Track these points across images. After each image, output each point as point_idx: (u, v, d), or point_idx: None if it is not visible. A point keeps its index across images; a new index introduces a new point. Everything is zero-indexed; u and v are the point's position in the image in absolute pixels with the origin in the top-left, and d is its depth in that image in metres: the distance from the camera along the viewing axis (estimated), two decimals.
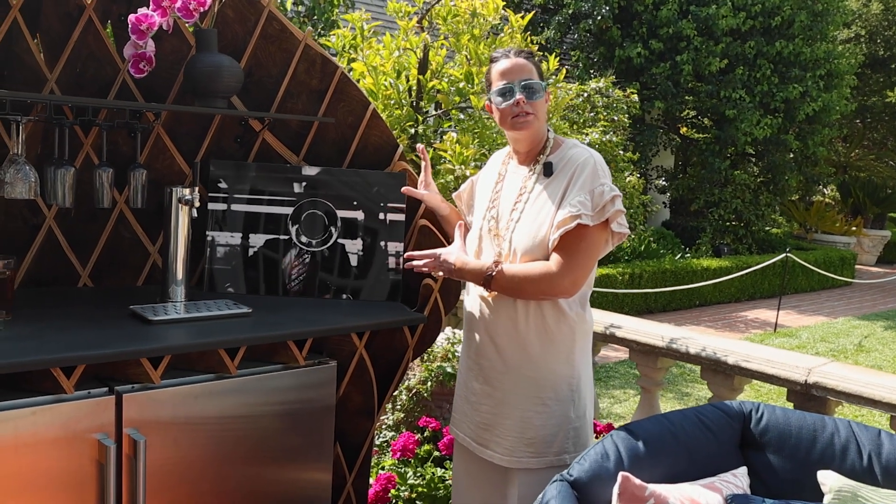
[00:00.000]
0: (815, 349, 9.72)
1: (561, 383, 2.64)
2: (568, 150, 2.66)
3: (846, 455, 2.68)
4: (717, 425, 2.76)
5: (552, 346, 2.61)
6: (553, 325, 2.60)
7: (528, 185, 2.65)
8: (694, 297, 12.42)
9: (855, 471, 2.65)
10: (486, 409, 2.71)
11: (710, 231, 14.70)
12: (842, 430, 2.74)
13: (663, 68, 13.59)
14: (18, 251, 2.85)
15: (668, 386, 7.77)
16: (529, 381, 2.63)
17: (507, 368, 2.66)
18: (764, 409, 2.84)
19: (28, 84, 2.83)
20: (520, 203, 2.64)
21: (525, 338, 2.61)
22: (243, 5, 3.03)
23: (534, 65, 2.65)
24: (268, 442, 2.69)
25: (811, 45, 14.53)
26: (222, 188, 3.07)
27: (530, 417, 2.63)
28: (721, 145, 14.53)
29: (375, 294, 3.09)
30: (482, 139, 3.90)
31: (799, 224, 19.54)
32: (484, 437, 2.73)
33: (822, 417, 2.80)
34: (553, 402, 2.64)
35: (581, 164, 2.56)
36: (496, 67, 2.66)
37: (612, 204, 2.50)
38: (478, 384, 2.74)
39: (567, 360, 2.64)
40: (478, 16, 3.98)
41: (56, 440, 2.25)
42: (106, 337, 2.37)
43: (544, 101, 2.65)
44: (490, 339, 2.69)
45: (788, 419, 2.80)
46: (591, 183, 2.52)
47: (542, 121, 2.66)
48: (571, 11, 13.70)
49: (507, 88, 2.61)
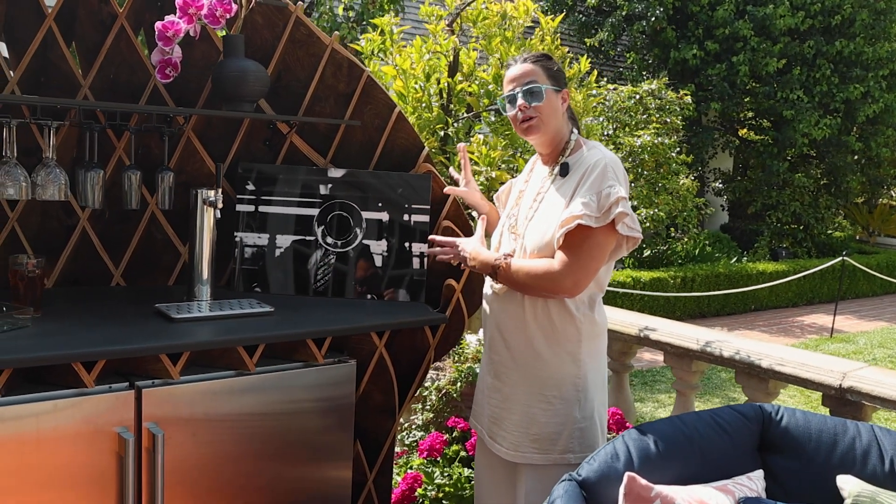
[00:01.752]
0: (872, 355, 9.53)
1: (566, 383, 2.65)
2: (586, 151, 2.67)
3: (867, 460, 2.65)
4: (733, 427, 2.73)
5: (558, 345, 2.63)
6: (559, 325, 2.61)
7: (545, 185, 2.69)
8: (749, 302, 12.26)
9: (876, 476, 2.61)
10: (495, 403, 2.75)
11: (768, 234, 14.49)
12: (864, 435, 2.70)
13: (719, 69, 13.44)
14: (54, 251, 2.95)
15: (716, 391, 7.70)
16: (535, 378, 2.65)
17: (514, 364, 2.69)
18: (784, 412, 2.80)
19: (63, 90, 2.93)
20: (536, 202, 2.68)
21: (531, 335, 2.64)
22: (271, 11, 3.09)
23: (542, 67, 2.65)
24: (286, 438, 2.74)
25: (873, 45, 14.25)
26: (250, 190, 3.14)
27: (535, 414, 2.66)
28: (779, 147, 14.32)
29: (400, 294, 3.14)
30: (512, 140, 3.93)
31: (862, 227, 19.15)
32: (493, 431, 2.77)
33: (844, 421, 2.76)
34: (557, 401, 2.65)
35: (592, 166, 2.57)
36: (506, 75, 2.71)
37: (617, 206, 2.48)
38: (489, 378, 2.79)
39: (573, 360, 2.64)
40: (509, 18, 4.00)
41: (77, 433, 2.33)
42: (128, 333, 2.44)
43: (555, 103, 2.65)
44: (500, 333, 2.73)
45: (809, 422, 2.76)
46: (598, 184, 2.52)
47: (553, 123, 2.66)
48: (625, 13, 13.63)
49: (511, 95, 2.66)
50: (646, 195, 8.15)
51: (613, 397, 4.72)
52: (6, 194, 2.59)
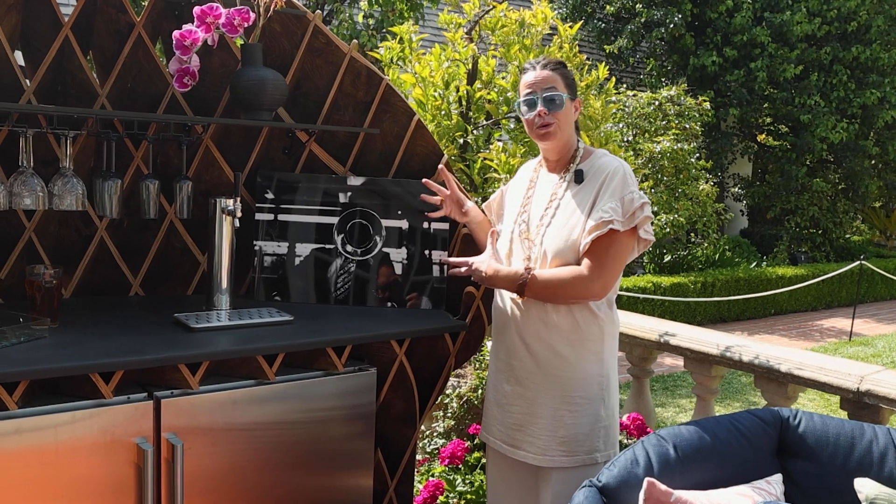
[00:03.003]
0: (891, 357, 9.50)
1: (591, 382, 2.68)
2: (598, 159, 2.72)
3: (884, 463, 2.65)
4: (752, 432, 2.73)
5: (582, 345, 2.66)
6: (583, 326, 2.65)
7: (558, 192, 2.71)
8: (769, 306, 12.25)
9: (893, 478, 2.62)
10: (518, 410, 2.74)
11: (787, 239, 14.46)
12: (880, 438, 2.71)
13: (738, 75, 13.44)
14: (72, 260, 2.95)
15: (736, 395, 7.65)
16: (561, 381, 2.66)
17: (538, 368, 2.69)
18: (802, 416, 2.81)
19: (80, 99, 2.93)
20: (550, 208, 2.70)
21: (556, 338, 2.66)
22: (290, 20, 3.08)
23: (561, 76, 2.70)
24: (307, 447, 2.72)
25: (889, 51, 14.29)
26: (269, 198, 3.13)
27: (562, 416, 2.67)
28: (797, 152, 14.30)
29: (420, 302, 3.12)
30: (531, 148, 3.91)
31: (880, 231, 19.10)
32: (516, 438, 2.75)
33: (861, 425, 2.77)
34: (584, 401, 2.67)
35: (611, 173, 2.63)
36: (524, 78, 2.74)
37: (641, 210, 2.57)
38: (508, 386, 2.77)
39: (597, 359, 2.68)
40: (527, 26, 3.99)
41: (95, 444, 2.32)
42: (147, 343, 2.43)
43: (571, 112, 2.71)
44: (521, 340, 2.72)
45: (826, 426, 2.77)
46: (621, 190, 2.59)
47: (568, 131, 2.72)
48: (644, 20, 13.62)
49: (530, 100, 2.69)
50: (666, 200, 8.13)
51: (634, 402, 4.70)
52: (23, 204, 2.59)
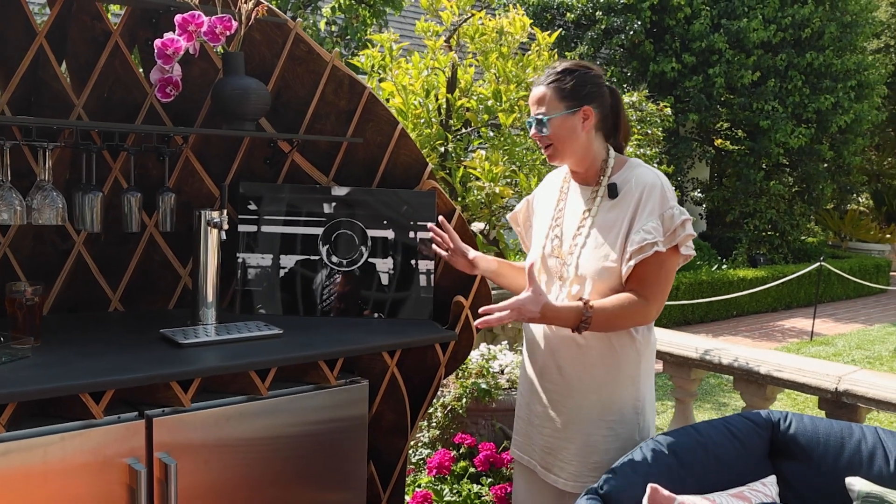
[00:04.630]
0: (851, 356, 9.65)
1: (626, 405, 2.60)
2: (632, 170, 2.58)
3: (873, 461, 2.67)
4: (746, 435, 2.74)
5: (617, 368, 2.56)
6: (619, 349, 2.55)
7: (592, 208, 2.59)
8: (731, 308, 12.40)
9: (882, 477, 2.63)
10: (549, 433, 2.66)
11: (746, 242, 14.65)
12: (869, 437, 2.73)
13: (696, 81, 13.61)
14: (48, 277, 2.86)
15: (705, 397, 7.71)
16: (594, 404, 2.58)
17: (570, 391, 2.60)
18: (792, 418, 2.82)
19: (56, 110, 2.85)
20: (584, 227, 2.59)
21: (589, 361, 2.57)
22: (270, 28, 3.03)
23: (555, 90, 2.54)
24: (300, 462, 2.67)
25: (841, 57, 14.65)
26: (252, 210, 3.07)
27: (596, 441, 2.59)
28: (755, 156, 14.51)
29: (407, 312, 3.07)
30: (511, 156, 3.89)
31: (834, 233, 19.44)
32: (548, 461, 2.68)
33: (849, 425, 2.79)
34: (618, 425, 2.59)
35: (649, 187, 2.50)
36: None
37: (683, 228, 2.46)
38: (540, 407, 2.69)
39: (632, 381, 2.59)
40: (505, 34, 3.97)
41: (86, 465, 2.24)
42: (136, 361, 2.36)
43: (571, 124, 2.54)
44: (554, 362, 2.63)
45: (816, 427, 2.79)
46: (660, 207, 2.47)
47: (574, 145, 2.56)
48: (604, 27, 13.72)
49: (529, 121, 2.62)
50: None
51: None
52: (0, 219, 2.51)
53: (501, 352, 4.44)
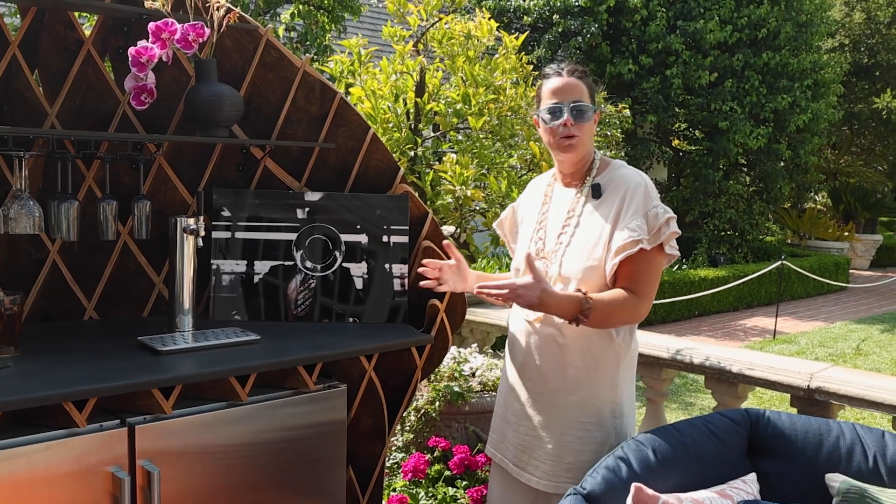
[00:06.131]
0: (815, 354, 9.75)
1: (604, 408, 2.62)
2: (616, 170, 2.63)
3: (852, 457, 2.70)
4: (725, 433, 2.77)
5: (596, 371, 2.59)
6: (598, 351, 2.58)
7: (576, 208, 2.63)
8: (693, 308, 12.44)
9: (861, 472, 2.67)
10: (525, 430, 2.68)
11: (706, 241, 14.73)
12: (846, 433, 2.76)
13: (654, 83, 13.67)
14: (23, 286, 2.84)
15: (671, 396, 7.76)
16: (572, 405, 2.60)
17: (548, 391, 2.63)
18: (770, 416, 2.85)
19: (29, 119, 2.84)
20: (568, 226, 2.62)
21: (569, 361, 2.59)
22: (241, 35, 3.04)
23: (586, 85, 2.59)
24: (280, 467, 2.69)
25: (797, 56, 14.74)
26: (225, 216, 3.08)
27: (570, 442, 2.61)
28: (713, 157, 14.61)
29: (381, 316, 3.10)
30: (481, 159, 3.92)
31: (792, 231, 19.65)
32: (522, 460, 2.70)
33: (826, 421, 2.82)
34: (594, 428, 2.61)
35: (633, 186, 2.54)
36: (547, 84, 2.61)
37: (667, 226, 2.50)
38: (518, 405, 2.71)
39: (611, 384, 2.61)
40: (472, 38, 4.00)
41: (70, 474, 2.25)
42: (116, 369, 2.37)
43: (593, 123, 2.61)
44: (533, 360, 2.65)
45: (794, 424, 2.81)
46: (644, 205, 2.52)
47: (589, 143, 2.62)
48: (561, 30, 13.77)
49: (556, 108, 2.56)
50: None
51: None
52: None
53: (472, 354, 4.47)
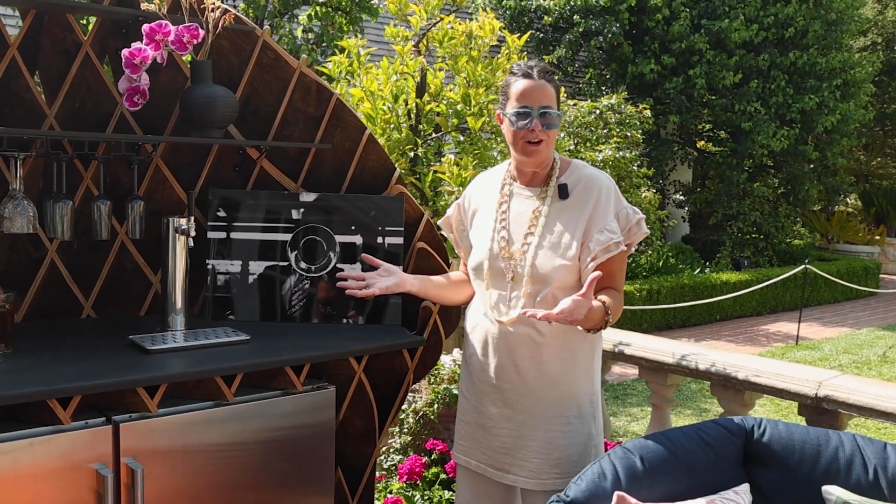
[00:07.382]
0: (838, 361, 9.61)
1: (583, 400, 2.67)
2: (580, 170, 2.67)
3: (851, 469, 2.65)
4: (718, 442, 2.73)
5: (574, 364, 2.63)
6: (575, 344, 2.63)
7: (542, 209, 2.64)
8: (714, 312, 12.31)
9: (860, 485, 2.61)
10: (506, 433, 2.68)
11: (730, 244, 14.60)
12: (846, 445, 2.71)
13: (676, 83, 13.57)
14: (22, 284, 2.89)
15: (686, 403, 7.71)
16: (552, 401, 2.63)
17: (528, 390, 2.64)
18: (766, 425, 2.80)
19: (28, 120, 2.88)
20: (536, 226, 2.63)
21: (547, 358, 2.61)
22: (238, 36, 3.06)
23: (554, 88, 2.58)
24: (267, 468, 2.70)
25: (826, 55, 14.47)
26: (221, 216, 3.10)
27: (555, 437, 2.63)
28: (738, 158, 14.47)
29: (375, 318, 3.10)
30: (482, 160, 3.92)
31: (821, 235, 19.37)
32: (504, 462, 2.69)
33: (826, 432, 2.77)
34: (576, 420, 2.65)
35: (605, 188, 2.61)
36: (517, 86, 2.57)
37: (638, 227, 2.59)
38: (495, 408, 2.70)
39: (587, 375, 2.67)
40: (475, 38, 4.00)
41: (54, 471, 2.27)
42: (103, 367, 2.39)
43: (558, 128, 2.64)
44: (511, 361, 2.65)
45: (792, 434, 2.76)
46: (615, 207, 2.60)
47: (553, 146, 2.65)
48: (582, 29, 13.71)
49: (524, 112, 2.54)
50: None
51: None
52: None
53: None
